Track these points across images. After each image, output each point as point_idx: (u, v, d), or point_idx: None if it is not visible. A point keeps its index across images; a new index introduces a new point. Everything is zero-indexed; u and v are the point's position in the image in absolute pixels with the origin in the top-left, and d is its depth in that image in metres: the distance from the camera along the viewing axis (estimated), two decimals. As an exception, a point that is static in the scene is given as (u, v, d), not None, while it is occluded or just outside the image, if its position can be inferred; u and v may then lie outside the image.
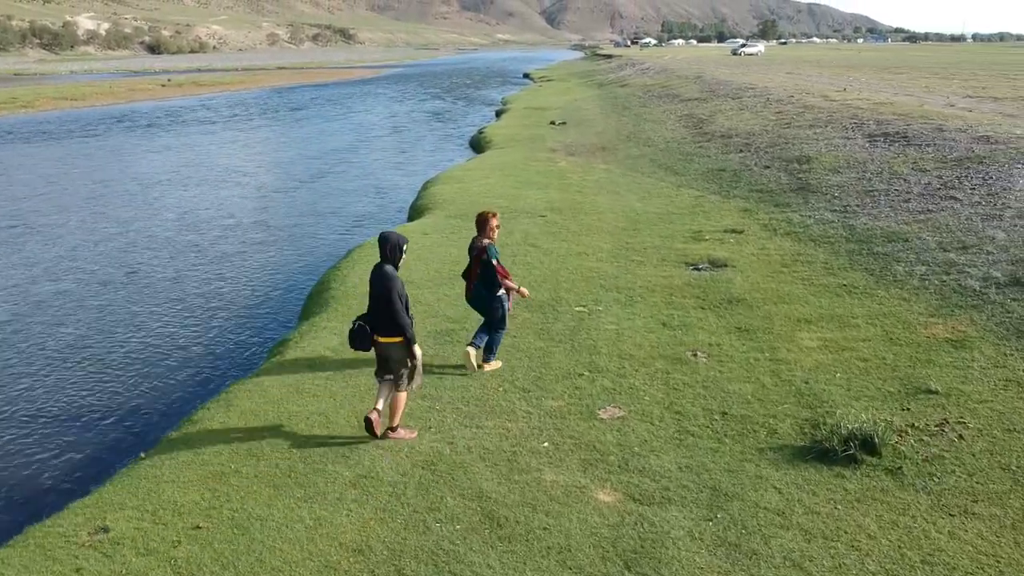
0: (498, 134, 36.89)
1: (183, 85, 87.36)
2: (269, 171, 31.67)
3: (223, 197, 26.21)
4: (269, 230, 21.42)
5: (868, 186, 18.22)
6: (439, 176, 25.96)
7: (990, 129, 21.04)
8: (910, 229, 14.95)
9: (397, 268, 8.54)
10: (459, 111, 57.90)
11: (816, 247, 15.21)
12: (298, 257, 18.66)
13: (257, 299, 15.62)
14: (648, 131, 33.51)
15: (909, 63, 70.92)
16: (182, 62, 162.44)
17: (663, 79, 57.37)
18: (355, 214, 23.19)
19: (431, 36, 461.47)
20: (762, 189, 20.36)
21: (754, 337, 11.26)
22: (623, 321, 12.04)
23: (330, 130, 46.21)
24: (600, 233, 17.48)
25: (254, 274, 17.33)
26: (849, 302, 12.32)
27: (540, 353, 10.90)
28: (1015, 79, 45.28)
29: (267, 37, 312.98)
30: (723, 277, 13.98)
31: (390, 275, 8.34)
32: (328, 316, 12.53)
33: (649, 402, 9.40)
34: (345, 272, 14.86)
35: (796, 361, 10.35)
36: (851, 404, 9.08)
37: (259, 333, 13.78)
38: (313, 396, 9.64)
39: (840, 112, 27.30)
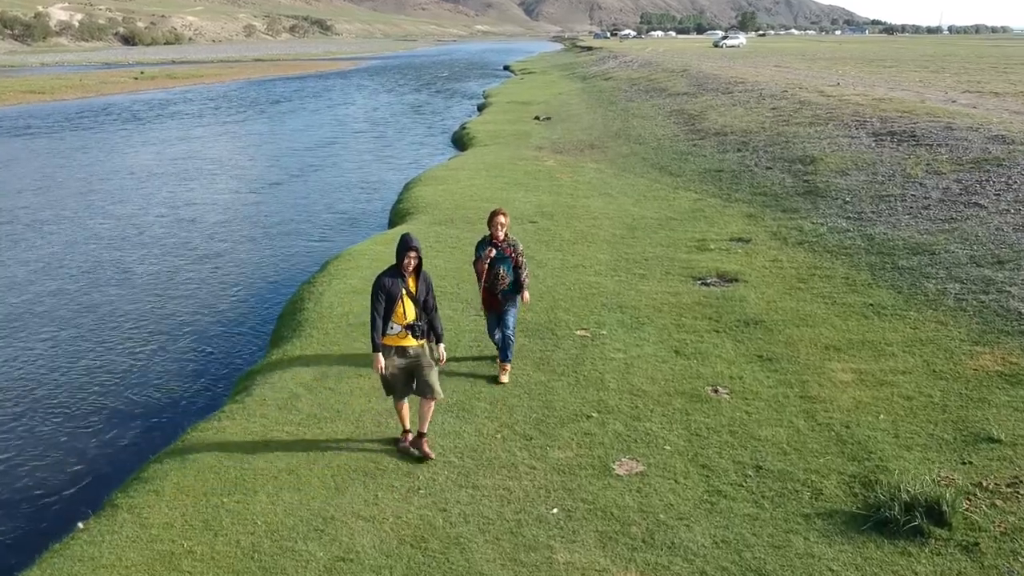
0: (481, 130, 35.55)
1: (156, 78, 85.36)
2: (240, 172, 30.14)
3: (188, 201, 24.74)
4: (237, 239, 20.00)
5: (881, 190, 17.06)
6: (421, 176, 24.62)
7: (1002, 128, 19.94)
8: (935, 240, 13.79)
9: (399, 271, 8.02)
10: (440, 105, 56.46)
11: (833, 259, 14.03)
12: (269, 270, 17.26)
13: (222, 321, 14.19)
14: (637, 128, 32.28)
15: (895, 56, 70.00)
16: (157, 54, 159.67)
17: (648, 72, 56.15)
18: (332, 219, 21.81)
19: (409, 27, 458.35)
20: (766, 192, 19.17)
21: (779, 368, 10.06)
22: (631, 348, 10.81)
23: (307, 126, 44.68)
24: (596, 242, 16.24)
25: (220, 291, 15.92)
26: (879, 325, 11.14)
27: (541, 389, 9.65)
28: (1007, 73, 44.39)
29: (244, 28, 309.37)
30: (735, 294, 12.77)
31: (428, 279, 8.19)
32: (301, 343, 11.21)
33: (670, 452, 8.17)
34: (320, 289, 13.52)
35: (831, 399, 9.15)
36: (902, 456, 7.89)
37: (223, 362, 12.38)
38: (283, 448, 8.34)
39: (839, 109, 26.16)
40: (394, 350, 7.97)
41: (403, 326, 7.91)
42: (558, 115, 39.86)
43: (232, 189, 26.35)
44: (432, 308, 8.14)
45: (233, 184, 27.25)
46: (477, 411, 9.12)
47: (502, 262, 9.73)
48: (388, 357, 7.94)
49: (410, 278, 7.98)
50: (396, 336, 7.94)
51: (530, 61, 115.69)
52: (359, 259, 15.13)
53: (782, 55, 74.83)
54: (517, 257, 9.79)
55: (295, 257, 18.19)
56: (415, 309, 7.97)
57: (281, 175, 28.87)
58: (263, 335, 13.26)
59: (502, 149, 29.50)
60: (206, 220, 21.77)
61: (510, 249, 9.77)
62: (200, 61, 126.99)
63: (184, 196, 25.09)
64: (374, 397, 9.38)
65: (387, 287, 7.92)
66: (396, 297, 7.89)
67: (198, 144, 37.49)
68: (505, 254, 9.73)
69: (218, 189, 26.32)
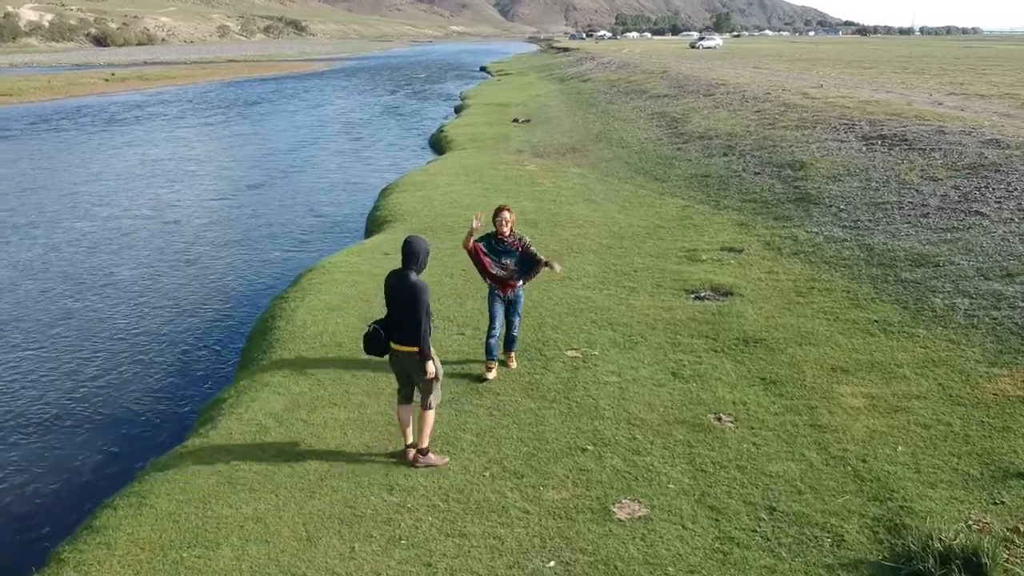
0: (459, 133, 34.81)
1: (127, 79, 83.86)
2: (209, 177, 29.19)
3: (156, 209, 23.82)
4: (205, 248, 19.15)
5: (876, 197, 16.49)
6: (399, 182, 23.85)
7: (995, 132, 19.45)
8: (938, 251, 13.20)
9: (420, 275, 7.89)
10: (416, 106, 55.65)
11: (832, 271, 13.41)
12: (240, 282, 16.42)
13: (189, 341, 13.31)
14: (619, 131, 31.65)
15: (872, 57, 69.90)
16: (128, 55, 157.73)
17: (627, 74, 55.60)
18: (306, 227, 20.98)
19: (385, 28, 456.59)
20: (756, 199, 18.56)
21: (784, 392, 9.40)
22: (625, 370, 10.12)
23: (281, 128, 43.74)
24: (583, 252, 15.55)
25: (188, 306, 15.07)
26: (887, 344, 10.51)
27: (531, 418, 8.94)
28: (986, 74, 44.20)
29: (217, 29, 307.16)
30: (731, 309, 12.12)
31: (421, 286, 7.75)
32: (271, 367, 10.42)
33: (675, 492, 7.49)
34: (293, 305, 12.73)
35: (843, 428, 8.50)
36: (927, 495, 7.25)
37: (188, 388, 11.54)
38: (249, 491, 7.58)
39: (826, 111, 25.63)
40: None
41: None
42: (537, 117, 39.20)
43: (202, 195, 25.44)
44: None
45: (204, 190, 26.34)
46: (463, 444, 8.39)
47: (508, 254, 9.74)
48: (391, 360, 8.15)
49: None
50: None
51: (506, 62, 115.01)
52: (333, 272, 14.35)
53: (759, 56, 74.59)
54: (526, 248, 9.78)
55: (268, 268, 17.38)
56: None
57: (254, 180, 27.99)
58: (232, 355, 12.45)
59: (481, 153, 28.79)
60: (176, 228, 20.88)
61: (517, 243, 9.77)
62: (173, 62, 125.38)
63: (151, 203, 24.16)
64: (349, 430, 8.65)
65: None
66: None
67: (166, 148, 36.48)
68: (511, 247, 9.73)
69: (188, 196, 25.41)
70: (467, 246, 9.83)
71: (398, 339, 7.85)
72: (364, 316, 12.01)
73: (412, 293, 7.68)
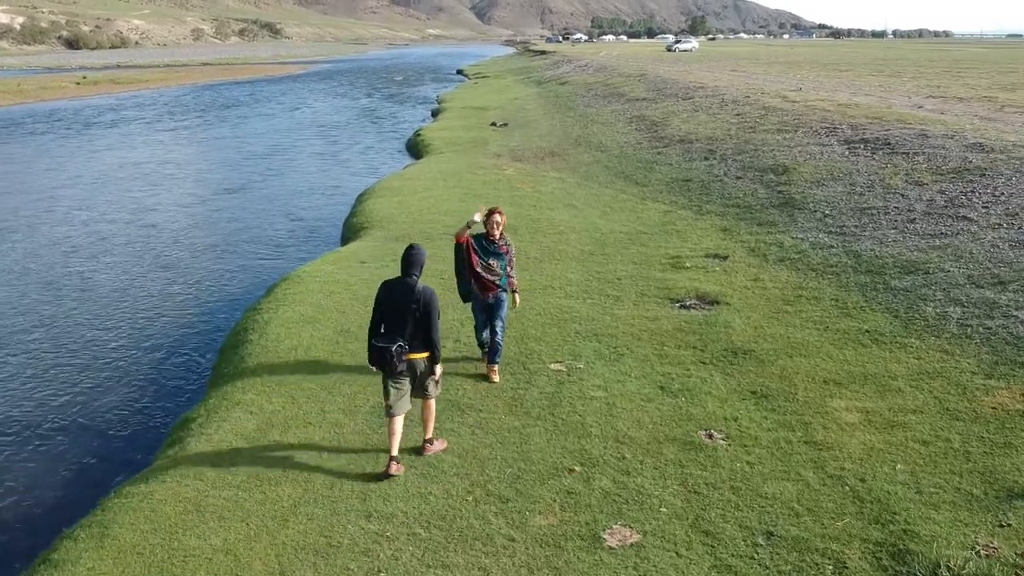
0: (437, 136, 34.40)
1: (99, 83, 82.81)
2: (181, 183, 28.61)
3: (128, 214, 23.27)
4: (178, 256, 18.65)
5: (862, 202, 16.25)
6: (375, 187, 23.42)
7: (978, 135, 19.29)
8: (927, 258, 12.95)
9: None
10: (393, 110, 55.18)
11: (819, 279, 13.13)
12: (213, 292, 15.94)
13: (157, 355, 12.80)
14: (598, 134, 31.36)
15: (848, 60, 70.09)
16: (101, 58, 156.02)
17: (604, 77, 55.39)
18: (280, 234, 20.50)
19: (360, 31, 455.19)
20: (739, 204, 18.29)
21: (776, 407, 9.09)
22: (612, 384, 9.78)
23: (255, 133, 43.12)
24: (564, 259, 15.21)
25: (159, 317, 14.60)
26: (880, 355, 10.23)
27: (515, 436, 8.57)
28: (962, 76, 44.30)
29: (192, 32, 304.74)
30: (718, 319, 11.81)
31: (431, 292, 7.75)
32: (243, 384, 9.98)
33: (667, 516, 7.14)
34: (266, 317, 12.29)
35: (839, 445, 8.19)
36: (930, 517, 6.95)
37: (154, 408, 11.04)
38: (219, 519, 7.16)
39: (806, 115, 25.45)
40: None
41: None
42: (515, 121, 38.86)
43: (176, 201, 24.89)
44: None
45: (177, 195, 25.78)
46: (444, 466, 8.01)
47: (496, 256, 9.71)
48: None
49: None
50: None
51: (483, 65, 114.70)
52: (308, 282, 13.92)
53: (736, 59, 74.66)
54: (511, 259, 9.83)
55: (242, 276, 16.91)
56: None
57: (229, 185, 27.45)
58: (203, 370, 11.99)
59: (459, 157, 28.40)
60: (149, 235, 20.34)
61: (505, 247, 9.79)
62: (146, 65, 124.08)
63: (126, 208, 23.59)
64: (325, 452, 8.24)
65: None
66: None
67: (139, 153, 35.83)
68: (500, 251, 9.73)
69: (161, 201, 24.84)
70: (460, 238, 9.65)
71: (411, 349, 7.76)
72: (339, 328, 11.62)
73: (425, 300, 7.66)
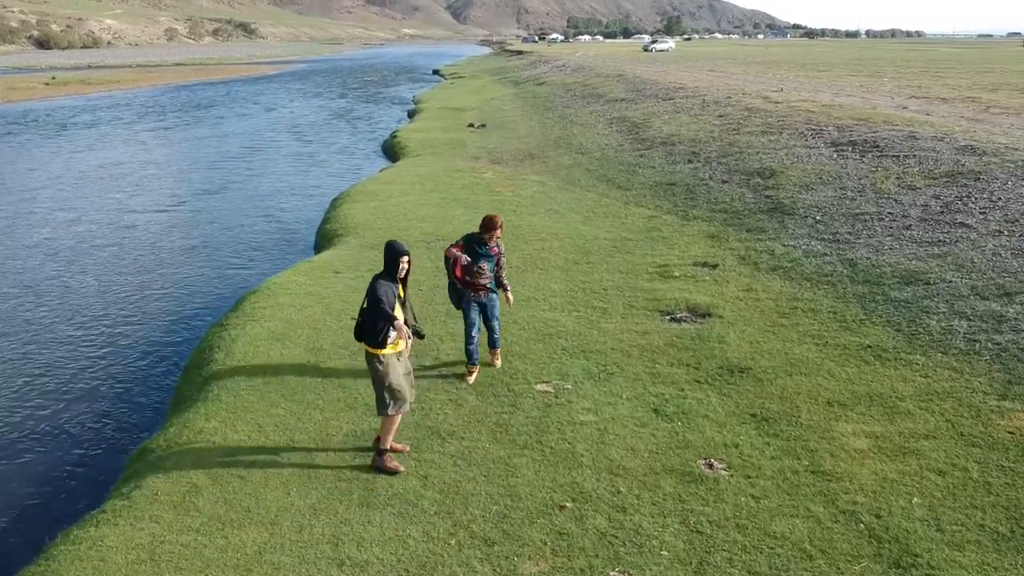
0: (413, 138, 33.70)
1: (69, 83, 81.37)
2: (147, 188, 27.68)
3: (94, 220, 22.41)
4: (144, 266, 17.85)
5: (854, 207, 15.73)
6: (350, 191, 22.71)
7: (968, 137, 18.86)
8: (927, 267, 12.41)
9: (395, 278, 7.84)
10: (369, 111, 54.37)
11: (815, 289, 12.57)
12: (178, 304, 15.13)
13: (116, 376, 11.97)
14: (578, 136, 30.76)
15: (826, 60, 69.98)
16: (72, 58, 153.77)
17: (582, 77, 54.86)
18: (251, 241, 19.71)
19: (336, 31, 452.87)
20: (726, 209, 17.73)
21: (779, 432, 8.50)
22: (602, 407, 9.16)
23: (227, 134, 42.19)
24: (547, 268, 14.59)
25: (117, 332, 13.78)
26: (884, 373, 9.67)
27: (501, 468, 7.93)
28: (941, 77, 44.14)
29: (165, 32, 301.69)
30: (711, 333, 11.22)
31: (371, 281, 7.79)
32: (206, 410, 9.27)
33: (669, 560, 6.53)
34: (233, 334, 11.57)
35: (849, 476, 7.61)
36: (955, 559, 6.38)
37: (111, 436, 10.23)
38: (175, 570, 6.46)
39: (790, 116, 24.97)
40: (396, 356, 7.86)
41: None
42: (493, 122, 38.22)
43: (143, 207, 24.01)
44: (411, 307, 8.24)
45: (144, 201, 24.90)
46: (424, 504, 7.36)
47: (486, 258, 9.70)
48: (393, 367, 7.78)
49: (399, 284, 7.89)
50: (393, 343, 7.77)
51: (459, 65, 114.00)
52: (279, 295, 13.20)
53: (713, 59, 74.43)
54: (500, 257, 9.86)
55: (210, 286, 16.16)
56: (403, 315, 7.86)
57: (196, 190, 26.61)
58: (164, 392, 11.23)
59: (436, 159, 27.72)
60: (109, 244, 19.51)
61: (496, 249, 9.78)
62: (118, 66, 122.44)
63: (92, 215, 22.71)
64: (294, 488, 7.57)
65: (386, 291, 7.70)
66: (393, 303, 7.71)
67: (104, 156, 34.84)
68: (491, 253, 9.71)
69: (129, 206, 23.97)
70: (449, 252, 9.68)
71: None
72: (311, 346, 10.93)
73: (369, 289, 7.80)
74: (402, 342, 7.84)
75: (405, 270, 7.83)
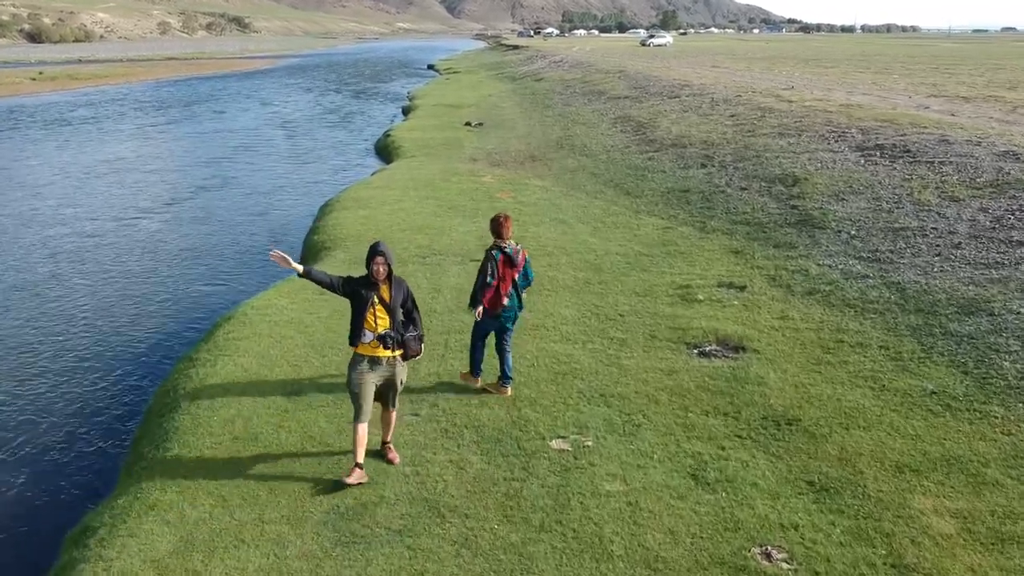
0: (408, 138, 32.21)
1: (56, 78, 79.67)
2: (123, 193, 26.02)
3: (46, 233, 20.92)
4: (112, 281, 16.37)
5: (891, 221, 14.33)
6: (340, 197, 21.24)
7: (1007, 142, 17.47)
8: (988, 294, 11.01)
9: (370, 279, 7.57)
10: (362, 107, 52.86)
11: (860, 319, 11.16)
12: (144, 332, 13.51)
13: (58, 425, 10.39)
14: (581, 136, 29.31)
15: (828, 56, 68.52)
16: (64, 52, 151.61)
17: (582, 73, 53.37)
18: (232, 256, 18.16)
19: (330, 24, 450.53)
20: (748, 220, 16.31)
21: (843, 507, 7.11)
22: (631, 471, 7.75)
23: (214, 133, 40.66)
24: (557, 289, 13.17)
25: (65, 369, 12.18)
26: (958, 428, 8.27)
27: (514, 560, 6.52)
28: (953, 74, 42.75)
29: (158, 26, 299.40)
30: (748, 372, 9.81)
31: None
32: (163, 476, 7.81)
33: None
34: (201, 373, 10.10)
35: (941, 570, 6.22)
36: None
37: (50, 505, 8.67)
38: None
39: (808, 117, 23.55)
40: (367, 360, 7.56)
41: (375, 335, 7.51)
42: (491, 120, 36.75)
43: (119, 214, 22.48)
44: (411, 312, 7.81)
45: (121, 206, 23.38)
46: (421, 614, 5.95)
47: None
48: (359, 367, 7.54)
49: (383, 286, 7.57)
50: (368, 345, 7.55)
51: (455, 60, 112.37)
52: (256, 323, 11.74)
53: (713, 54, 72.96)
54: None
55: (181, 309, 14.68)
56: (388, 319, 7.55)
57: (175, 195, 25.09)
58: (118, 448, 9.75)
59: (432, 161, 26.27)
60: (75, 256, 18.02)
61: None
62: (108, 60, 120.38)
63: (49, 227, 21.22)
64: (261, 592, 6.15)
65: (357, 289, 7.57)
66: (366, 304, 7.50)
67: (88, 157, 33.32)
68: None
69: (104, 212, 22.46)
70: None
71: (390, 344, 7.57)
72: (289, 390, 9.50)
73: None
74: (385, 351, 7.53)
75: (382, 273, 7.47)
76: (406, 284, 7.80)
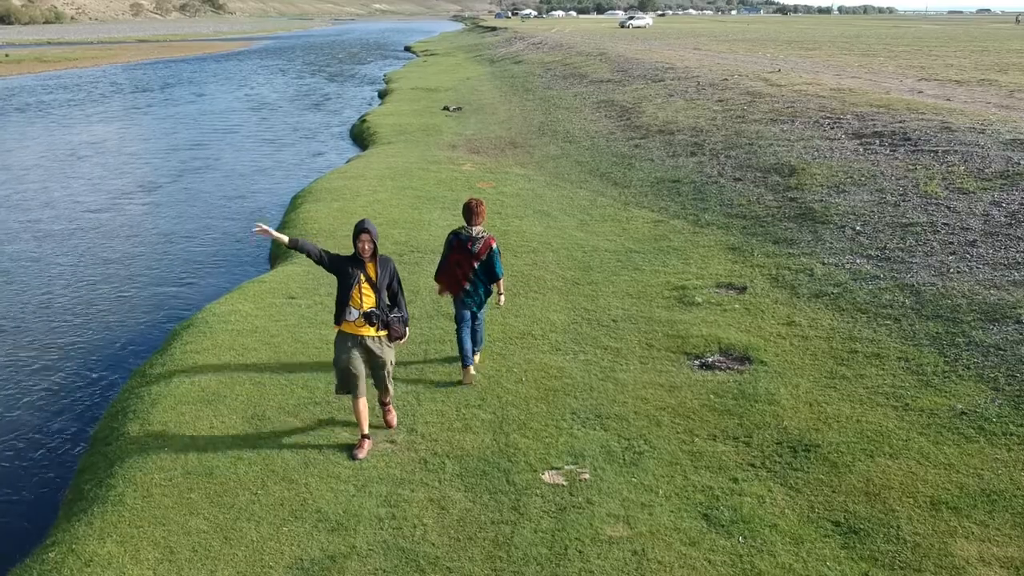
0: (384, 123, 31.08)
1: (23, 61, 77.78)
2: (81, 185, 24.86)
3: (16, 219, 19.78)
4: (63, 282, 15.30)
5: (899, 216, 13.49)
6: (312, 187, 20.19)
7: (1012, 129, 16.69)
8: (1012, 298, 10.18)
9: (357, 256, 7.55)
10: (337, 90, 51.58)
11: (874, 325, 10.30)
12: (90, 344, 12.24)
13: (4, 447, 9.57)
14: (563, 121, 28.33)
15: (810, 38, 67.83)
16: (32, 34, 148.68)
17: (562, 56, 52.29)
18: (194, 253, 16.99)
19: (305, 6, 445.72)
20: (744, 214, 15.44)
21: (876, 554, 6.26)
22: (634, 511, 6.87)
23: (183, 118, 39.36)
24: (544, 291, 12.26)
25: (12, 381, 11.34)
26: (995, 456, 7.43)
27: (505, 627, 5.63)
28: (939, 56, 42.12)
29: (131, 7, 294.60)
30: (757, 388, 8.95)
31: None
32: (104, 522, 6.85)
33: None
34: (154, 391, 9.12)
35: (999, 639, 5.38)
36: None
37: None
38: None
39: (799, 102, 22.70)
40: (350, 338, 7.61)
41: (360, 313, 7.54)
42: (470, 104, 35.68)
43: (76, 206, 21.30)
44: (396, 294, 7.76)
45: (78, 198, 22.21)
46: None
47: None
48: (344, 345, 7.61)
49: (368, 263, 7.56)
50: (354, 324, 7.59)
51: (432, 42, 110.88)
52: (217, 332, 10.75)
53: (694, 36, 72.16)
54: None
55: (136, 313, 13.57)
56: (374, 296, 7.56)
57: (138, 184, 23.92)
58: (57, 483, 8.72)
59: (409, 148, 25.22)
60: (24, 253, 16.93)
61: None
62: (78, 42, 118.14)
63: (17, 211, 20.08)
64: None
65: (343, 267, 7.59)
66: (352, 281, 7.49)
67: (46, 146, 32.02)
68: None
69: (61, 204, 21.30)
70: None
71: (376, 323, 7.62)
72: (250, 412, 8.54)
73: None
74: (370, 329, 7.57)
75: (368, 250, 7.46)
76: (392, 263, 7.78)
